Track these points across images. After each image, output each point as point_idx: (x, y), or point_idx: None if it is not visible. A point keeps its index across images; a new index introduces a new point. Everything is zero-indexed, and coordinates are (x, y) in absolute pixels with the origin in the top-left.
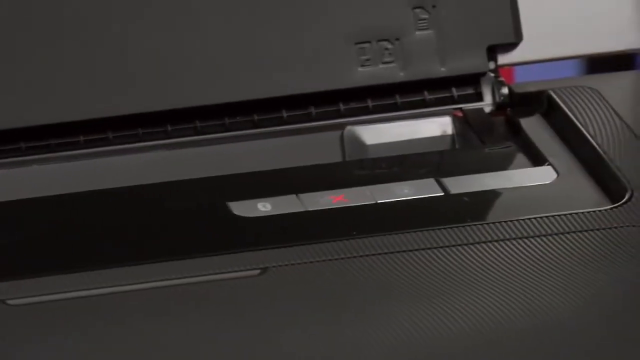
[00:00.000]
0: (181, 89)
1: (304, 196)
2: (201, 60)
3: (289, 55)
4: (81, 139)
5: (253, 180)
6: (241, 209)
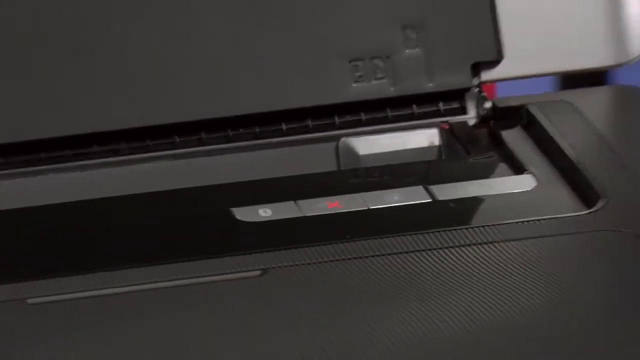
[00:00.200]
0: (188, 104)
1: (302, 202)
2: (207, 77)
3: (289, 72)
4: (96, 149)
5: (254, 188)
6: (243, 214)
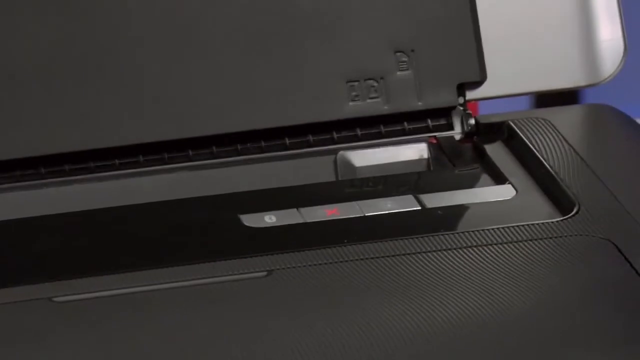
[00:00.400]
0: (201, 121)
1: (304, 210)
2: (216, 97)
3: (291, 92)
4: (116, 162)
5: (261, 197)
6: (250, 220)
